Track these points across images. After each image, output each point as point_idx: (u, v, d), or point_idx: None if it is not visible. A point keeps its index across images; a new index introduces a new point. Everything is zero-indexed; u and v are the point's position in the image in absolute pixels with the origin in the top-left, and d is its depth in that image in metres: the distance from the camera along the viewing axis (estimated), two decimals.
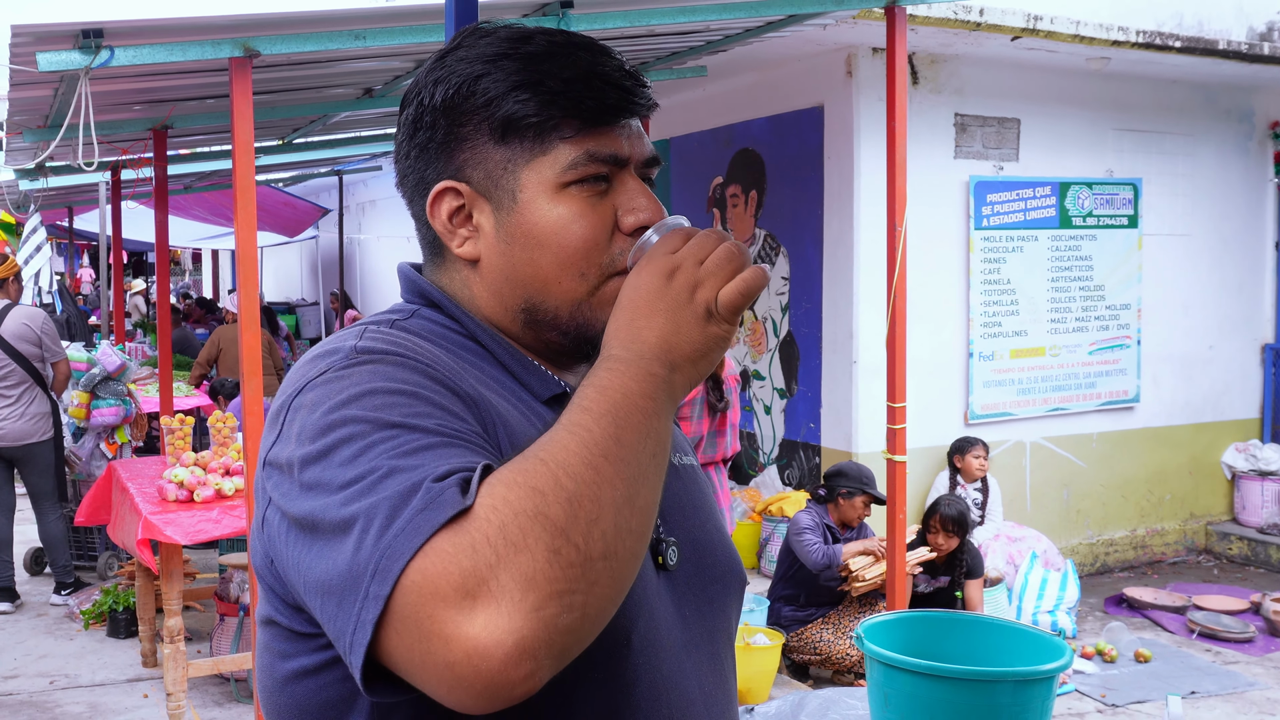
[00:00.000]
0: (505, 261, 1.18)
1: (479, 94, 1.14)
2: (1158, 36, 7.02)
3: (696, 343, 1.05)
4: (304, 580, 0.98)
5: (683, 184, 8.39)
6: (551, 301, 1.18)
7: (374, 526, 0.91)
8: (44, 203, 10.81)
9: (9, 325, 6.80)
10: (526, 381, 1.20)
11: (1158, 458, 8.16)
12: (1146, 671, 5.96)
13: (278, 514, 1.02)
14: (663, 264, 1.06)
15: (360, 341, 1.09)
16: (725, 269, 1.05)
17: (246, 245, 4.24)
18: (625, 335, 1.04)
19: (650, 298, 1.05)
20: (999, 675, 2.13)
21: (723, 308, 1.05)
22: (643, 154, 1.20)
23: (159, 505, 4.97)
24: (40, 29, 3.93)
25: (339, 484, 0.95)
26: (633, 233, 1.17)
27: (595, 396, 0.99)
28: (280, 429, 1.06)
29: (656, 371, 1.02)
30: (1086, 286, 7.71)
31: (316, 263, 18.43)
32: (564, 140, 1.14)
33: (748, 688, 5.32)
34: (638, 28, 4.88)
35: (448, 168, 1.18)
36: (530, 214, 1.16)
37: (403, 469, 0.94)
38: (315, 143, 8.84)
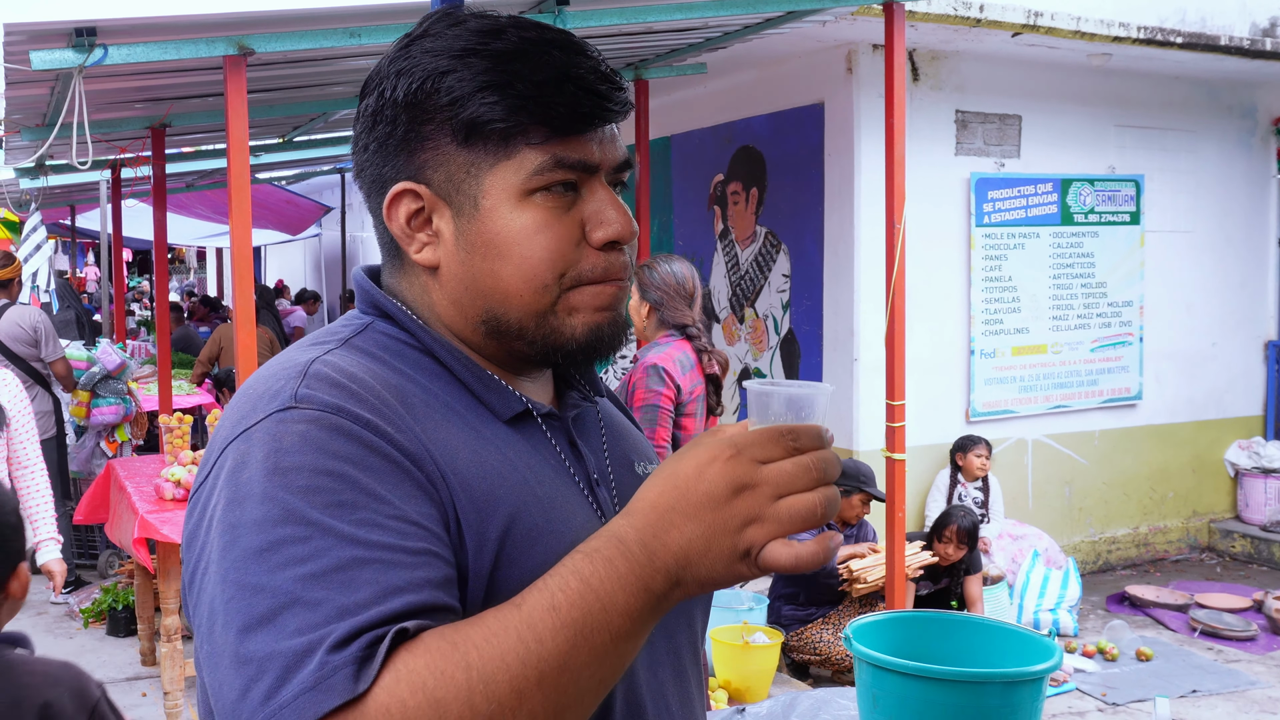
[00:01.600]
0: (465, 270, 1.11)
1: (443, 92, 1.07)
2: (1159, 32, 6.99)
3: (717, 572, 0.93)
4: (200, 651, 0.95)
5: (684, 181, 8.37)
6: (514, 314, 1.11)
7: (260, 686, 0.85)
8: (45, 201, 10.82)
9: (4, 326, 6.80)
10: (487, 400, 1.13)
11: (1160, 455, 8.14)
12: (1148, 670, 5.94)
13: (201, 561, 0.97)
14: (741, 473, 0.93)
15: (302, 386, 1.00)
16: (795, 523, 0.92)
17: (241, 243, 4.23)
18: (652, 522, 0.93)
19: (703, 501, 0.92)
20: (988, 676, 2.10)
21: (763, 561, 0.92)
22: (614, 159, 1.13)
23: (156, 504, 4.97)
24: (34, 27, 3.92)
25: (243, 587, 0.89)
26: (602, 248, 1.11)
27: (574, 594, 0.90)
28: (209, 474, 1.01)
29: (656, 586, 0.92)
30: (1088, 283, 7.68)
31: (320, 260, 18.45)
32: (531, 146, 1.07)
33: (746, 686, 5.30)
34: (635, 24, 4.86)
35: (407, 167, 1.11)
36: (492, 222, 1.09)
37: (306, 602, 0.87)
38: (316, 140, 8.83)
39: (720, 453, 0.94)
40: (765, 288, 7.56)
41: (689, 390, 4.05)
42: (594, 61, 1.10)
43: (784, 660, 5.79)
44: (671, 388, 4.00)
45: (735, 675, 5.30)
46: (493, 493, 1.04)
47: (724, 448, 0.94)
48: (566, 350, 1.14)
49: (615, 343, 1.16)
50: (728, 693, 5.26)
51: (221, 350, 9.84)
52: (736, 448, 0.94)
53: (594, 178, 1.12)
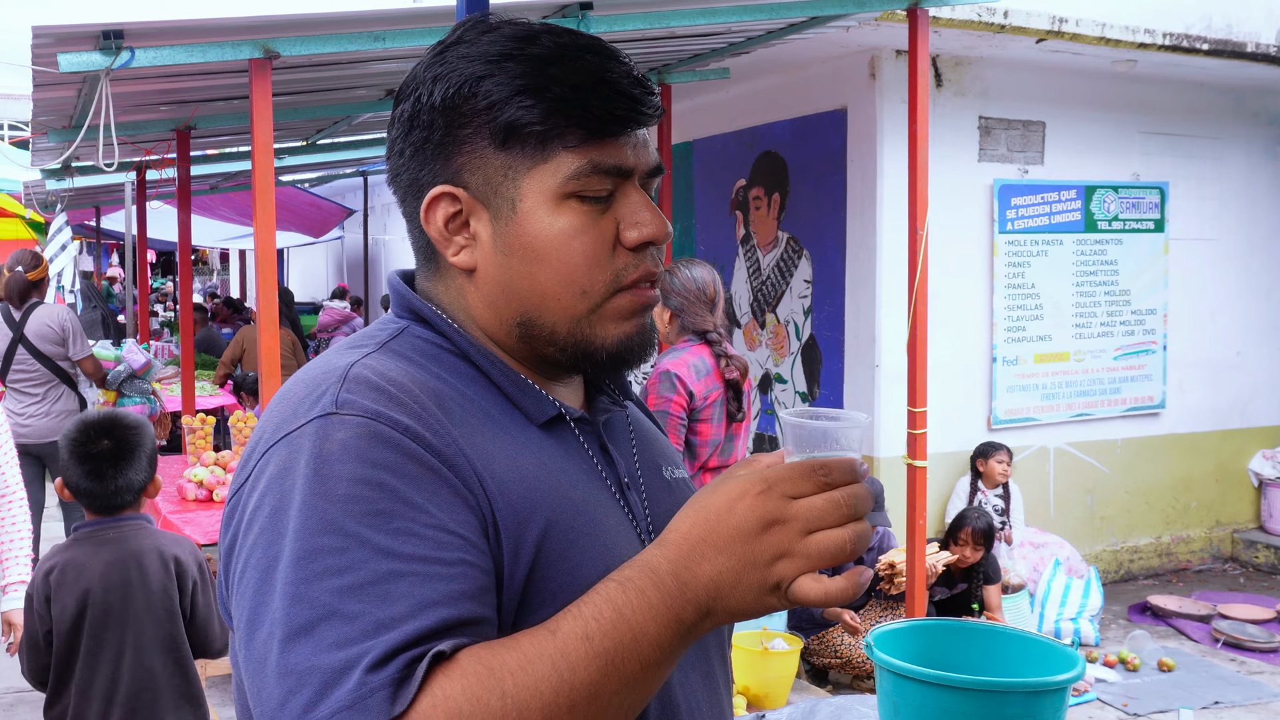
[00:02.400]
0: (502, 273, 1.12)
1: (480, 96, 1.08)
2: (1185, 39, 6.96)
3: (747, 605, 0.95)
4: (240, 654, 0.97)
5: (706, 186, 8.37)
6: (549, 317, 1.12)
7: (299, 698, 0.87)
8: (71, 202, 10.90)
9: (32, 325, 6.84)
10: (521, 404, 1.14)
11: (1183, 464, 8.08)
12: (1170, 681, 5.90)
13: (239, 564, 0.99)
14: (771, 508, 0.94)
15: (343, 390, 1.01)
16: (825, 559, 0.93)
17: (265, 246, 4.25)
18: (684, 553, 0.94)
19: (733, 535, 0.94)
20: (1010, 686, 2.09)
21: (792, 595, 0.94)
22: (647, 164, 1.14)
23: (179, 504, 5.00)
24: (61, 30, 3.95)
25: (283, 596, 0.91)
26: (635, 248, 1.13)
27: (607, 623, 0.91)
28: (249, 476, 1.03)
29: (687, 617, 0.94)
30: (1112, 291, 7.64)
31: (342, 263, 18.53)
32: (567, 149, 1.08)
33: (765, 692, 5.30)
34: (658, 29, 4.86)
35: (444, 171, 1.12)
36: (530, 225, 1.10)
37: (344, 615, 0.89)
38: (340, 143, 8.87)
39: (751, 487, 0.95)
40: (787, 293, 7.55)
41: (703, 396, 4.04)
42: (626, 66, 1.12)
43: (803, 665, 5.78)
44: (683, 394, 3.99)
45: (754, 681, 5.30)
46: (529, 497, 1.05)
47: (755, 483, 0.95)
48: (595, 359, 1.15)
49: (643, 353, 1.18)
50: (747, 699, 5.25)
51: (244, 352, 9.89)
52: (767, 483, 0.95)
53: (628, 182, 1.13)
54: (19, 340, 6.76)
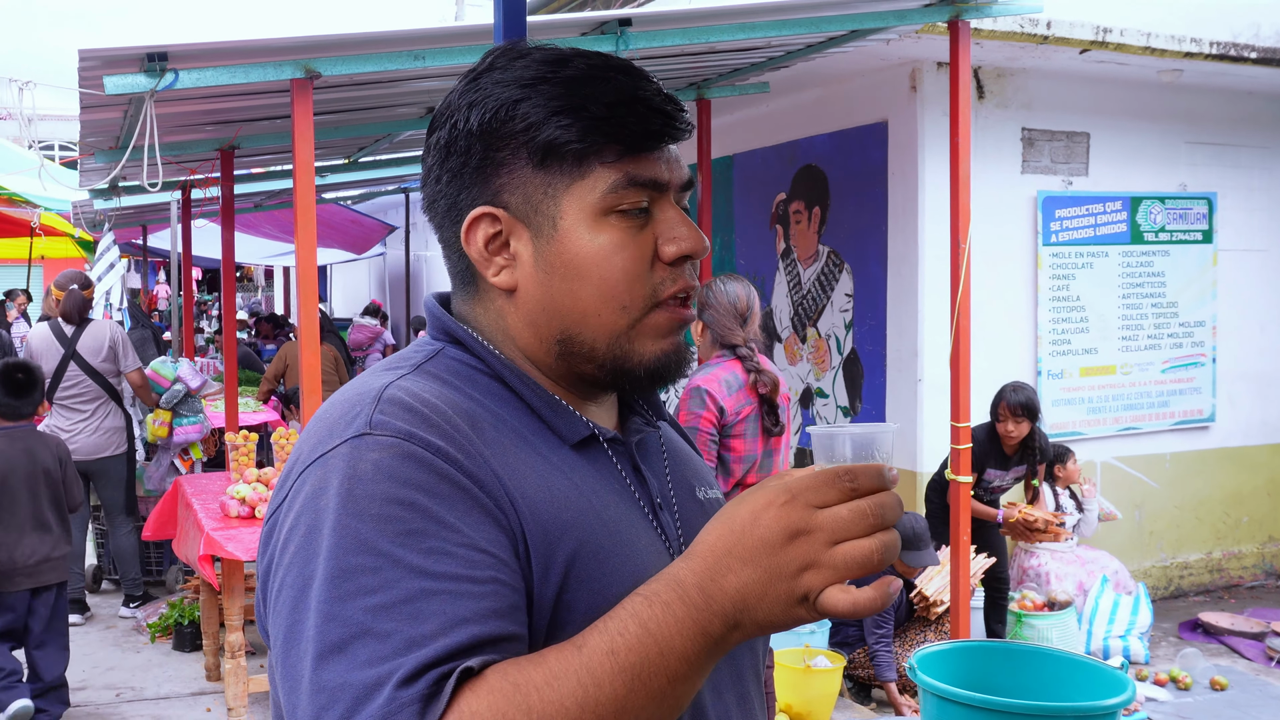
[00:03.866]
0: (543, 291, 1.14)
1: (518, 119, 1.11)
2: (1232, 48, 6.86)
3: (775, 617, 0.94)
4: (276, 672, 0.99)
5: (746, 200, 8.35)
6: (589, 334, 1.13)
7: (331, 714, 0.89)
8: (118, 221, 11.04)
9: (84, 341, 6.95)
10: (554, 425, 1.15)
11: (1234, 479, 7.95)
12: (1223, 700, 5.79)
13: (276, 583, 1.01)
14: (795, 519, 0.93)
15: (377, 411, 1.03)
16: (852, 570, 0.92)
17: (306, 264, 4.28)
18: (710, 566, 0.94)
19: (758, 547, 0.93)
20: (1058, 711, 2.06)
21: (820, 606, 0.92)
22: (680, 179, 1.16)
23: (221, 521, 5.03)
24: (107, 53, 4.00)
25: (316, 614, 0.93)
26: (673, 263, 1.14)
27: (633, 638, 0.91)
28: (286, 497, 1.05)
29: (714, 630, 0.93)
30: (1159, 303, 7.54)
31: (384, 279, 18.66)
32: (604, 165, 1.11)
33: (808, 710, 5.25)
34: (698, 44, 4.85)
35: (483, 193, 1.14)
36: (571, 242, 1.12)
37: (376, 633, 0.90)
38: (381, 161, 8.93)
39: (776, 498, 0.94)
40: (828, 307, 7.51)
41: (734, 411, 4.03)
42: (656, 85, 1.15)
43: (845, 684, 5.73)
44: (713, 410, 3.98)
45: (797, 699, 5.25)
46: (559, 518, 1.05)
47: (780, 493, 0.94)
48: (633, 375, 1.16)
49: (680, 370, 1.19)
50: (789, 716, 5.21)
51: (287, 368, 9.96)
52: (791, 493, 0.94)
53: (664, 196, 1.15)
54: (70, 356, 6.86)
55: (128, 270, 15.10)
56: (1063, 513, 6.36)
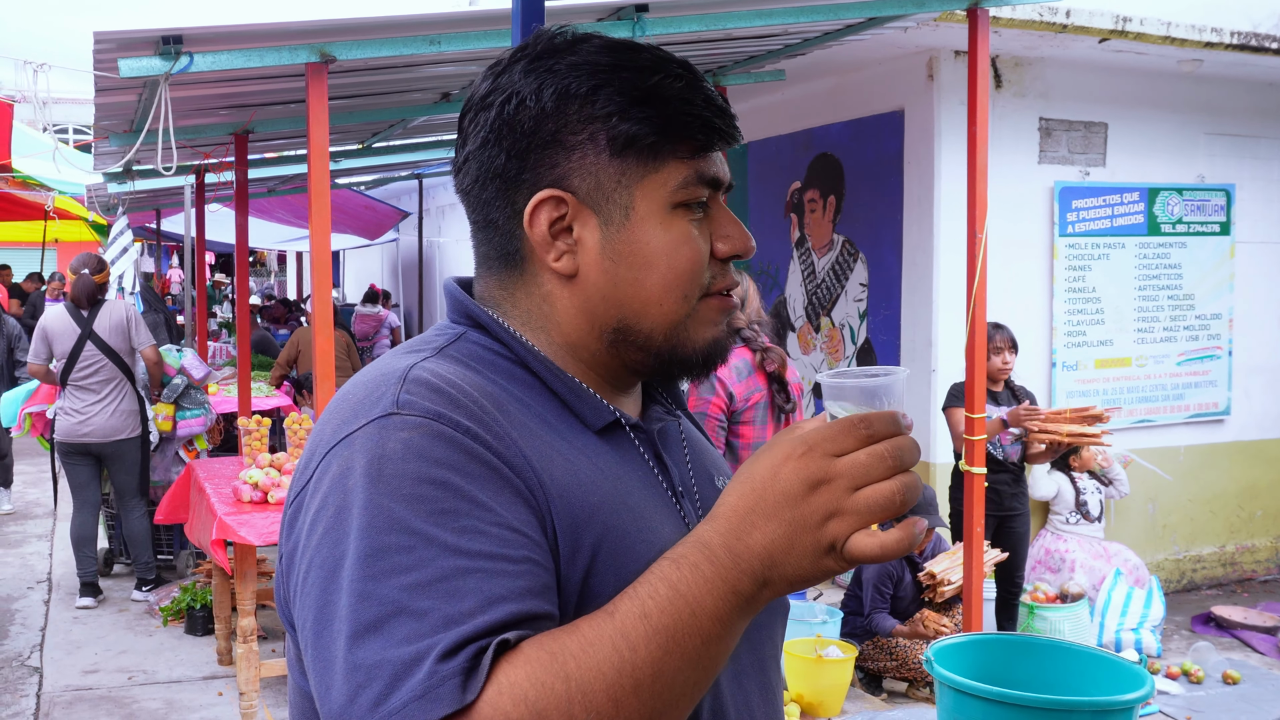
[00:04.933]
0: (607, 279, 1.14)
1: (599, 103, 1.11)
2: (1253, 37, 6.80)
3: (804, 569, 0.94)
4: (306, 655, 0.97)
5: (760, 188, 8.32)
6: (648, 323, 1.14)
7: (369, 692, 0.88)
8: (132, 205, 11.05)
9: (101, 321, 6.96)
10: (579, 411, 1.15)
11: (1249, 472, 7.91)
12: (1235, 694, 5.76)
13: (303, 565, 1.00)
14: (815, 469, 0.93)
15: (403, 392, 1.03)
16: (875, 513, 0.92)
17: (320, 249, 4.27)
18: (734, 525, 0.94)
19: (780, 500, 0.93)
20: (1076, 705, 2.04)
21: (848, 553, 0.92)
22: (728, 178, 1.19)
23: (234, 506, 5.03)
24: (122, 36, 3.99)
25: (350, 594, 0.92)
26: (724, 259, 1.17)
27: (664, 600, 0.92)
28: (310, 480, 1.03)
29: (744, 588, 0.93)
30: (1175, 295, 7.50)
31: (397, 265, 18.66)
32: (678, 160, 1.13)
33: (820, 700, 5.23)
34: (714, 31, 4.82)
35: (548, 175, 1.13)
36: (642, 232, 1.13)
37: (413, 611, 0.90)
38: (395, 146, 8.91)
39: (793, 450, 0.94)
40: (842, 297, 7.48)
41: (744, 397, 4.05)
42: (709, 84, 1.17)
43: (856, 674, 5.72)
44: (722, 396, 4.03)
45: (808, 689, 5.24)
46: (586, 501, 1.06)
47: (796, 445, 0.95)
48: (688, 361, 1.18)
49: (727, 353, 1.22)
50: (800, 707, 5.19)
51: (299, 353, 9.97)
52: (808, 444, 0.94)
53: (717, 194, 1.18)
54: (88, 336, 6.87)
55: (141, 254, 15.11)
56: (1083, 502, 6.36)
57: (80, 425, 6.83)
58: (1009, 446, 5.97)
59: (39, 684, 5.78)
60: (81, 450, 6.93)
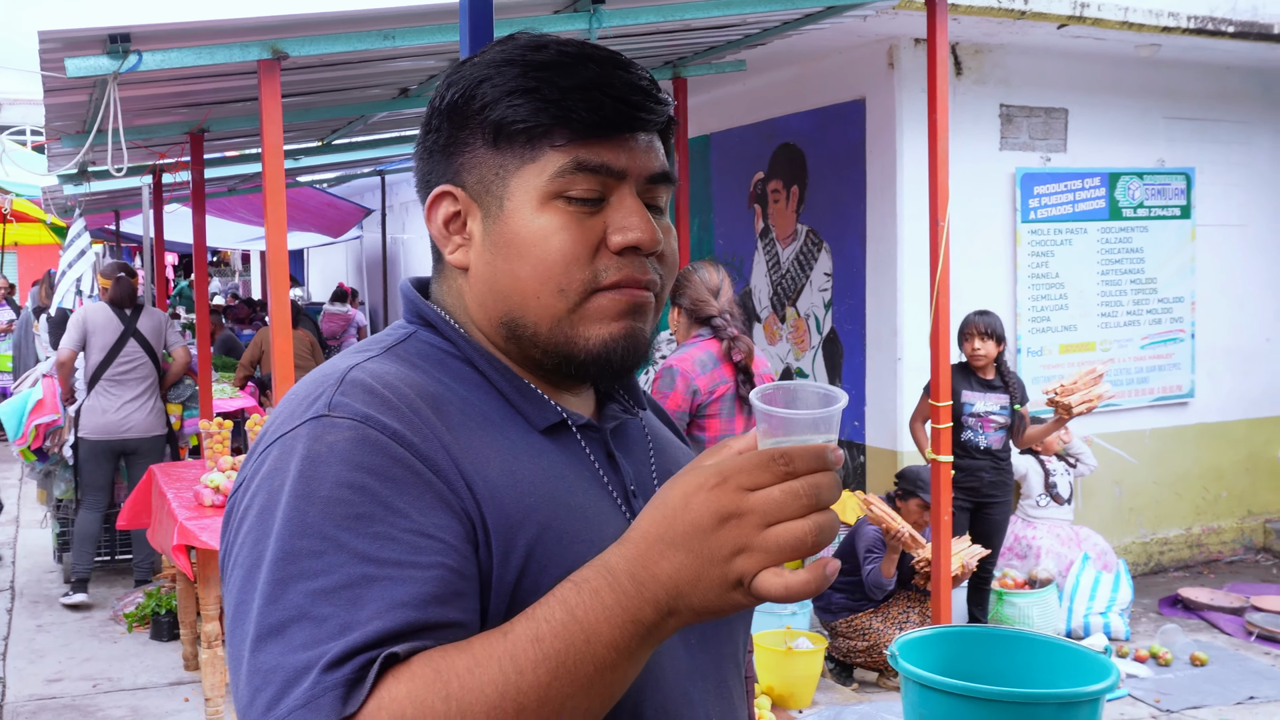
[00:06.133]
0: (489, 271, 1.13)
1: (478, 98, 1.12)
2: (1210, 22, 6.84)
3: (710, 602, 0.91)
4: (226, 650, 1.01)
5: (724, 179, 8.30)
6: (530, 316, 1.12)
7: (264, 696, 0.88)
8: (89, 206, 10.91)
9: (143, 322, 7.21)
10: (524, 410, 1.14)
11: (1213, 454, 7.96)
12: (1203, 675, 5.80)
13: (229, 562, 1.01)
14: (726, 502, 0.89)
15: (338, 393, 1.03)
16: (785, 553, 0.89)
17: (277, 248, 4.21)
18: (640, 552, 0.92)
19: (689, 531, 0.90)
20: (1041, 697, 2.02)
21: (755, 590, 0.90)
22: (645, 169, 1.14)
23: (195, 510, 4.96)
24: (68, 34, 3.92)
25: (260, 595, 0.93)
26: (620, 252, 1.11)
27: (558, 625, 0.89)
28: (245, 478, 1.05)
29: (645, 617, 0.91)
30: (1138, 279, 7.53)
31: (361, 262, 18.53)
32: (554, 148, 1.10)
33: (790, 692, 5.23)
34: (672, 22, 4.80)
35: (447, 171, 1.15)
36: (514, 223, 1.11)
37: (313, 617, 0.90)
38: (356, 143, 8.84)
39: (707, 480, 0.91)
40: (807, 287, 7.47)
41: (709, 390, 4.00)
42: (632, 75, 1.13)
43: (827, 664, 5.72)
44: (680, 391, 3.96)
45: (778, 681, 5.24)
46: (522, 501, 1.04)
47: (710, 475, 0.91)
48: (578, 361, 1.14)
49: (630, 359, 1.15)
50: (770, 699, 5.19)
51: (263, 353, 9.88)
52: (723, 475, 0.91)
53: (622, 185, 1.12)
54: (131, 333, 7.10)
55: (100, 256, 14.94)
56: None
57: (120, 422, 7.01)
58: (991, 434, 5.97)
59: (1, 694, 5.70)
60: (115, 449, 7.09)
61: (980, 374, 5.97)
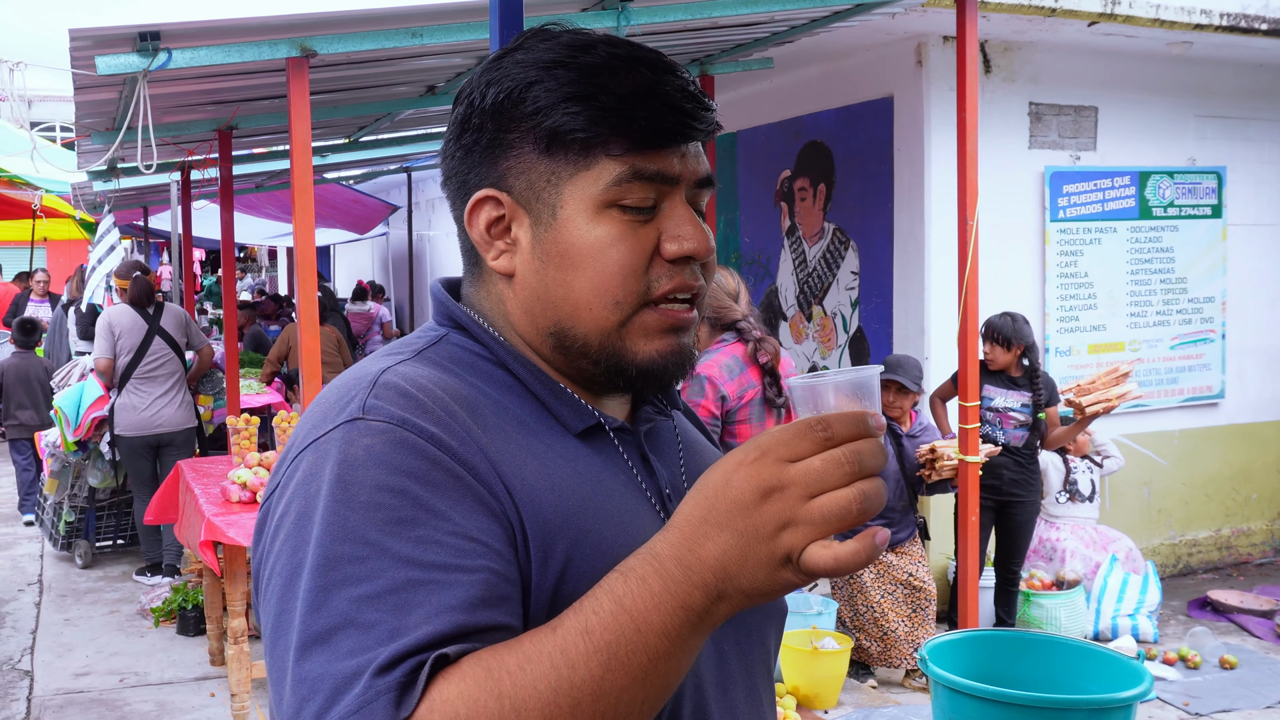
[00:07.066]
0: (539, 280, 1.11)
1: (529, 101, 1.08)
2: (1243, 19, 6.76)
3: (759, 582, 0.89)
4: (266, 661, 0.97)
5: (750, 177, 8.27)
6: (581, 328, 1.10)
7: (312, 705, 0.87)
8: (118, 203, 10.98)
9: (167, 319, 7.35)
10: (559, 413, 1.12)
11: (1243, 455, 7.89)
12: (1232, 679, 5.75)
13: (266, 571, 0.99)
14: (766, 475, 0.87)
15: (371, 396, 1.01)
16: (831, 524, 0.87)
17: (305, 245, 4.22)
18: (685, 536, 0.90)
19: (731, 509, 0.88)
20: (1073, 703, 2.00)
21: (804, 565, 0.87)
22: (695, 174, 1.13)
23: (222, 506, 4.98)
24: (98, 33, 3.94)
25: (303, 603, 0.91)
26: (674, 261, 1.10)
27: (607, 615, 0.88)
28: (279, 483, 1.03)
29: (695, 602, 0.89)
30: (1168, 279, 7.47)
31: (388, 259, 18.60)
32: (610, 157, 1.07)
33: (815, 693, 5.21)
34: (700, 20, 4.78)
35: (490, 174, 1.12)
36: (568, 232, 1.09)
37: (360, 624, 0.88)
38: (382, 140, 8.86)
39: (746, 456, 0.89)
40: (833, 285, 7.44)
41: (737, 396, 3.96)
42: (683, 81, 1.11)
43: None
44: (712, 398, 3.92)
45: (804, 681, 5.22)
46: (560, 506, 1.03)
47: (750, 451, 0.90)
48: (626, 375, 1.13)
49: (678, 373, 1.14)
50: (796, 699, 5.17)
51: (290, 349, 9.91)
52: (761, 449, 0.89)
53: (674, 191, 1.11)
54: (155, 331, 7.25)
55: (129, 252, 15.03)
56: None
57: (153, 418, 7.19)
58: (1012, 431, 5.92)
59: (30, 688, 5.74)
60: (150, 444, 7.26)
61: (1011, 372, 5.94)
